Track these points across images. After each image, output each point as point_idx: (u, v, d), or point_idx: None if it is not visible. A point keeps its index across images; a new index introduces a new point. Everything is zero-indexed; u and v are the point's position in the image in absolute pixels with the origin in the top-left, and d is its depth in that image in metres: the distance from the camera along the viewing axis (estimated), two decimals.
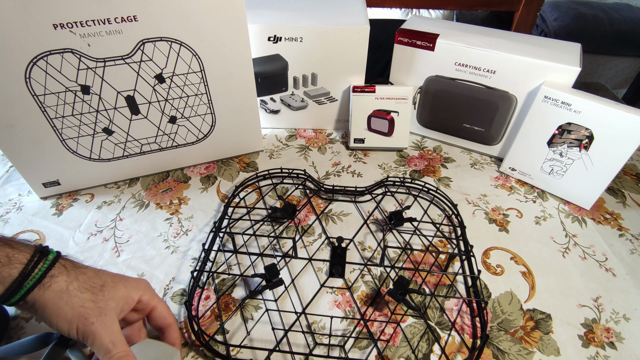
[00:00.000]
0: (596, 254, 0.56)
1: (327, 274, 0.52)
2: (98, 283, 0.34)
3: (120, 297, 0.35)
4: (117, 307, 0.35)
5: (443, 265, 0.54)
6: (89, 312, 0.32)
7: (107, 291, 0.34)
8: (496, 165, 0.71)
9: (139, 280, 0.39)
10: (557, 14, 1.80)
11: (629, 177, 0.69)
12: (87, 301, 0.33)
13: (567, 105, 0.56)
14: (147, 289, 0.39)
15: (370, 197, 0.63)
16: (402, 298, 0.45)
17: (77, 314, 0.32)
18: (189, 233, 0.58)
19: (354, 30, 0.65)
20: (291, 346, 0.44)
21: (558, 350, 0.45)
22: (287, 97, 0.75)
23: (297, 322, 0.46)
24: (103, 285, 0.35)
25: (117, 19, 0.49)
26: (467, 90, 0.66)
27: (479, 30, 0.67)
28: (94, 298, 0.33)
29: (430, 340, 0.45)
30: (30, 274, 0.31)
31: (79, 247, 0.56)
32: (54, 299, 0.32)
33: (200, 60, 0.56)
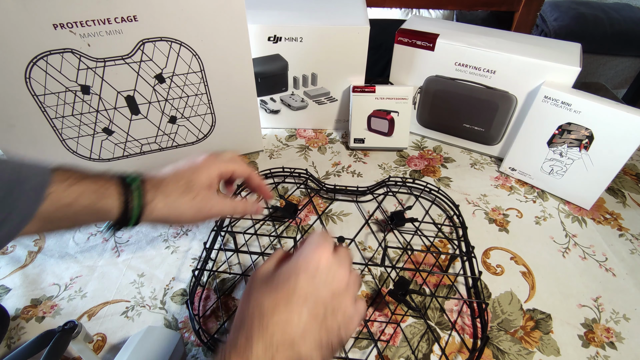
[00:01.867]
0: (596, 254, 0.56)
1: None
2: (183, 185, 0.39)
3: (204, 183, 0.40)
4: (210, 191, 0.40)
5: (444, 266, 0.54)
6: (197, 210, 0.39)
7: (194, 187, 0.39)
8: (496, 165, 0.71)
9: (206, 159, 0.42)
10: (557, 14, 1.80)
11: (629, 177, 0.69)
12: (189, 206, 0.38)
13: (567, 105, 0.56)
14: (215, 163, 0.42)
15: (372, 197, 0.63)
16: (403, 298, 0.45)
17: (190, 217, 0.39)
18: (189, 233, 0.58)
19: (354, 30, 0.65)
20: None
21: (558, 350, 0.45)
22: (287, 97, 0.75)
23: None
24: (187, 184, 0.39)
25: (117, 19, 0.49)
26: (467, 90, 0.66)
27: (479, 30, 0.67)
28: (191, 196, 0.38)
29: (430, 341, 0.45)
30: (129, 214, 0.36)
31: (79, 247, 0.56)
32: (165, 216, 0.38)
33: (200, 60, 0.56)
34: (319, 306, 0.30)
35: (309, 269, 0.31)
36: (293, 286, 0.30)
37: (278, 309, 0.29)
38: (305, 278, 0.31)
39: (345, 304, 0.32)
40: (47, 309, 0.48)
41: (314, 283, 0.31)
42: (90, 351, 0.41)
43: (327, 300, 0.31)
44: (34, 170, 0.32)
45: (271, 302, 0.30)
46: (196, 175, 0.40)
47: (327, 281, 0.31)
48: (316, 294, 0.30)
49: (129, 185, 0.36)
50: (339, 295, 0.31)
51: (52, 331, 0.39)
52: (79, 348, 0.40)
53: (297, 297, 0.30)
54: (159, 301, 0.49)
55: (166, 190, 0.38)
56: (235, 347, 0.27)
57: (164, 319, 0.48)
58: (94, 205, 0.34)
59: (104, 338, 0.46)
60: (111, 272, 0.53)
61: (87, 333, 0.42)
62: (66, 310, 0.48)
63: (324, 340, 0.30)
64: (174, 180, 0.39)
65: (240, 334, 0.28)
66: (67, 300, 0.49)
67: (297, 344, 0.28)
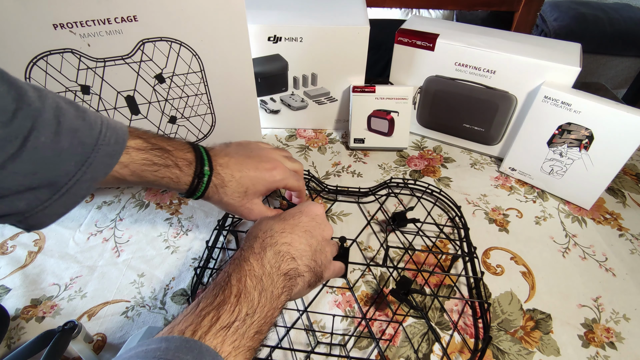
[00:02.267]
0: (596, 254, 0.56)
1: None
2: (242, 191, 0.45)
3: (260, 193, 0.46)
4: (260, 198, 0.47)
5: (446, 266, 0.54)
6: (242, 212, 0.46)
7: (250, 193, 0.45)
8: (496, 165, 0.71)
9: (274, 172, 0.47)
10: (557, 14, 1.80)
11: (629, 177, 0.69)
12: (238, 207, 0.45)
13: (567, 105, 0.56)
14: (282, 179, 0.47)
15: (374, 198, 0.63)
16: (405, 298, 0.45)
17: (234, 211, 0.46)
18: (189, 233, 0.58)
19: (354, 30, 0.65)
20: (293, 344, 0.44)
21: (558, 350, 0.45)
22: (287, 97, 0.75)
23: (299, 321, 0.46)
24: (246, 191, 0.45)
25: (117, 19, 0.49)
26: (467, 90, 0.66)
27: (479, 30, 0.67)
28: (241, 203, 0.45)
29: (431, 341, 0.45)
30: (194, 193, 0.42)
31: (79, 247, 0.56)
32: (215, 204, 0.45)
33: (200, 60, 0.56)
34: (313, 240, 0.39)
35: (310, 214, 0.42)
36: (297, 221, 0.40)
37: (285, 232, 0.38)
38: (307, 218, 0.41)
39: (328, 250, 0.42)
40: (47, 309, 0.48)
41: (312, 224, 0.41)
42: (90, 351, 0.41)
43: (319, 239, 0.40)
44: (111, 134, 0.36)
45: (280, 227, 0.38)
46: (256, 186, 0.45)
47: (320, 227, 0.41)
48: (312, 231, 0.40)
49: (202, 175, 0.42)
50: (326, 241, 0.42)
51: (52, 331, 0.39)
52: (79, 348, 0.40)
53: (300, 228, 0.39)
54: (159, 301, 0.49)
55: (225, 192, 0.44)
56: (252, 251, 0.35)
57: (164, 319, 0.48)
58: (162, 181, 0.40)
59: (104, 338, 0.46)
60: (111, 272, 0.53)
61: (87, 333, 0.42)
62: (66, 310, 0.48)
63: (312, 265, 0.38)
64: (236, 180, 0.44)
65: (255, 243, 0.36)
66: (67, 300, 0.49)
67: (296, 259, 0.37)
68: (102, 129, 0.35)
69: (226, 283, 0.31)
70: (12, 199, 0.30)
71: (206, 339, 0.27)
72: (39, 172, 0.31)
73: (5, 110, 0.28)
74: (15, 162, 0.29)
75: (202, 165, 0.42)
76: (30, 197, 0.31)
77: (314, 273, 0.39)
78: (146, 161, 0.38)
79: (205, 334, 0.27)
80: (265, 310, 0.31)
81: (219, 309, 0.29)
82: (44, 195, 0.32)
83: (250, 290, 0.31)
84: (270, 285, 0.33)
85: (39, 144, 0.30)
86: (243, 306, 0.30)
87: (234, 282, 0.31)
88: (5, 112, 0.28)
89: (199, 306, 0.29)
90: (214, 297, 0.30)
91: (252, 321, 0.30)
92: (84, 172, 0.33)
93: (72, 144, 0.32)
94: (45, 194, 0.32)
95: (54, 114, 0.32)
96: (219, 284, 0.32)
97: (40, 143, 0.30)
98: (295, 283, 0.36)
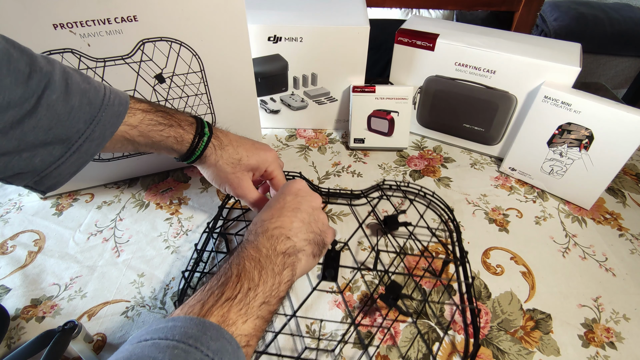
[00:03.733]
0: (596, 254, 0.56)
1: (320, 277, 0.51)
2: (236, 158, 0.48)
3: (252, 167, 0.49)
4: (249, 174, 0.50)
5: (438, 270, 0.53)
6: (232, 180, 0.48)
7: (243, 164, 0.48)
8: (496, 165, 0.71)
9: (268, 153, 0.51)
10: (557, 14, 1.80)
11: (629, 177, 0.69)
12: (229, 173, 0.48)
13: (567, 105, 0.56)
14: (273, 161, 0.51)
15: (366, 201, 0.63)
16: (394, 303, 0.45)
17: (224, 180, 0.49)
18: (189, 233, 0.58)
19: (354, 30, 0.65)
20: (280, 349, 0.44)
21: (558, 350, 0.45)
22: (287, 97, 0.75)
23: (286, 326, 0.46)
24: (240, 160, 0.48)
25: (117, 19, 0.49)
26: (467, 90, 0.66)
27: (479, 30, 0.67)
28: (234, 170, 0.48)
29: (421, 346, 0.45)
30: (194, 152, 0.45)
31: (79, 247, 0.56)
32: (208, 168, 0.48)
33: (200, 60, 0.56)
34: (304, 214, 0.41)
35: (292, 191, 0.43)
36: (282, 203, 0.41)
37: (273, 217, 0.40)
38: (291, 197, 0.42)
39: (322, 216, 0.43)
40: (47, 309, 0.48)
41: (297, 200, 0.42)
42: (90, 351, 0.41)
43: (309, 211, 0.42)
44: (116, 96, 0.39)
45: (267, 215, 0.40)
46: (250, 158, 0.49)
47: (306, 199, 0.43)
48: (300, 207, 0.41)
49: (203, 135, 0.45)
50: (317, 209, 0.43)
51: (52, 331, 0.39)
52: (79, 348, 0.40)
53: (287, 209, 0.41)
54: (159, 301, 0.49)
55: (222, 155, 0.47)
56: (247, 241, 0.38)
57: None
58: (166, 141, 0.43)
59: (104, 338, 0.46)
60: (111, 272, 0.53)
61: (87, 333, 0.42)
62: (66, 310, 0.48)
63: (310, 238, 0.40)
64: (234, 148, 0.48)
65: (250, 235, 0.39)
66: (67, 300, 0.49)
67: (291, 237, 0.39)
68: (106, 92, 0.39)
69: (227, 269, 0.34)
70: (29, 155, 0.34)
71: (213, 310, 0.30)
72: (52, 128, 0.34)
73: (21, 72, 0.32)
74: (32, 117, 0.33)
75: (202, 127, 0.46)
76: (44, 154, 0.35)
77: (315, 243, 0.41)
78: (152, 121, 0.42)
79: (212, 307, 0.30)
80: (268, 284, 0.34)
81: (222, 287, 0.32)
82: (58, 151, 0.36)
83: (250, 270, 0.34)
84: (270, 264, 0.35)
85: (51, 102, 0.34)
86: (244, 282, 0.33)
87: (233, 267, 0.34)
88: (21, 73, 0.32)
89: (205, 288, 0.33)
90: (217, 280, 0.33)
91: (256, 293, 0.33)
92: (92, 130, 0.37)
93: (82, 103, 0.36)
94: (59, 150, 0.36)
95: (62, 77, 0.35)
96: (222, 271, 0.34)
97: (53, 101, 0.34)
98: (297, 258, 0.38)
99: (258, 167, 0.50)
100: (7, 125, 0.31)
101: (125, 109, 0.40)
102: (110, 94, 0.39)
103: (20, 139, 0.32)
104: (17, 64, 0.32)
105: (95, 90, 0.38)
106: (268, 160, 0.51)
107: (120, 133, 0.40)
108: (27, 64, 0.33)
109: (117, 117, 0.39)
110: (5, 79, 0.31)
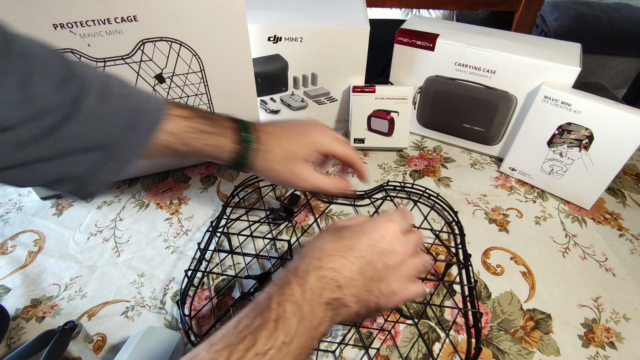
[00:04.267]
0: (596, 254, 0.56)
1: None
2: (284, 154, 0.44)
3: (304, 156, 0.45)
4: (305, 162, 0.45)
5: (440, 272, 0.53)
6: (289, 178, 0.44)
7: (292, 157, 0.44)
8: (496, 165, 0.71)
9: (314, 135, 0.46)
10: (557, 14, 1.80)
11: (629, 177, 0.69)
12: (285, 172, 0.44)
13: (567, 105, 0.56)
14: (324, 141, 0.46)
15: (370, 202, 0.63)
16: None
17: (283, 180, 0.45)
18: (189, 233, 0.58)
19: (354, 30, 0.65)
20: None
21: (558, 350, 0.45)
22: (287, 97, 0.75)
23: None
24: (288, 154, 0.44)
25: (117, 19, 0.49)
26: (467, 90, 0.66)
27: (479, 30, 0.67)
28: (287, 167, 0.44)
29: (421, 346, 0.45)
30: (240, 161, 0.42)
31: (79, 247, 0.56)
32: (261, 173, 0.44)
33: (200, 60, 0.56)
34: (369, 268, 0.34)
35: (373, 236, 0.35)
36: (354, 244, 0.34)
37: (336, 255, 0.34)
38: (366, 242, 0.35)
39: (392, 277, 0.35)
40: (47, 309, 0.48)
41: (371, 249, 0.34)
42: (90, 351, 0.41)
43: (378, 267, 0.34)
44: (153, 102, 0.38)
45: (332, 248, 0.34)
46: (299, 146, 0.44)
47: (383, 253, 0.35)
48: (370, 258, 0.34)
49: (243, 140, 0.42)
50: (390, 268, 0.35)
51: (52, 331, 0.39)
52: (79, 348, 0.40)
53: (354, 253, 0.34)
54: (159, 301, 0.49)
55: (270, 154, 0.43)
56: (296, 274, 0.32)
57: (164, 319, 0.48)
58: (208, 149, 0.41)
59: (104, 338, 0.46)
60: (111, 272, 0.53)
61: (87, 333, 0.42)
62: (66, 310, 0.48)
63: (363, 296, 0.34)
64: (279, 145, 0.44)
65: (300, 264, 0.33)
66: (67, 300, 0.49)
67: (342, 288, 0.33)
68: (142, 97, 0.38)
69: (267, 305, 0.30)
70: (66, 162, 0.33)
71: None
72: (88, 133, 0.33)
73: (59, 78, 0.31)
74: (68, 123, 0.32)
75: (244, 132, 0.43)
76: (81, 160, 0.34)
77: (364, 305, 0.34)
78: (192, 129, 0.40)
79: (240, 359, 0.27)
80: (302, 340, 0.30)
81: (256, 333, 0.29)
82: (94, 158, 0.34)
83: (289, 316, 0.30)
84: (310, 314, 0.31)
85: (87, 107, 0.33)
86: (280, 333, 0.29)
87: (273, 306, 0.30)
88: (59, 79, 0.31)
89: (238, 326, 0.29)
90: (252, 319, 0.30)
91: (289, 350, 0.29)
92: (129, 136, 0.36)
93: (118, 109, 0.35)
94: (95, 156, 0.34)
95: (100, 81, 0.35)
96: (260, 304, 0.31)
97: (89, 106, 0.33)
98: (338, 313, 0.33)
99: (311, 154, 0.45)
100: (44, 132, 0.31)
101: (160, 115, 0.38)
102: (147, 98, 0.38)
103: (56, 146, 0.32)
104: (56, 70, 0.31)
105: (132, 95, 0.37)
106: (318, 142, 0.45)
107: (161, 141, 0.38)
108: (65, 69, 0.32)
109: (152, 123, 0.37)
110: (43, 84, 0.30)
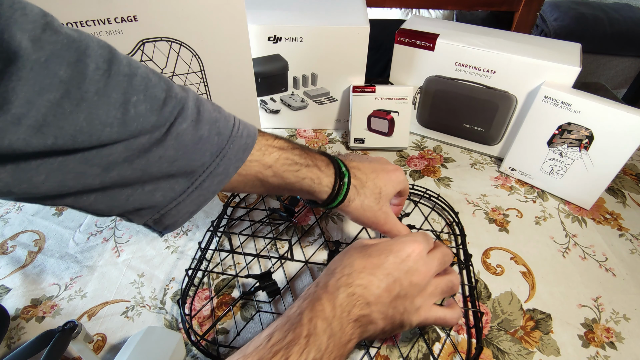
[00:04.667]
0: (596, 254, 0.56)
1: None
2: (377, 192, 0.44)
3: (391, 195, 0.45)
4: (389, 203, 0.46)
5: None
6: (379, 217, 0.44)
7: (383, 195, 0.44)
8: (496, 165, 0.71)
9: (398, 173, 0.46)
10: (557, 14, 1.80)
11: (629, 177, 0.69)
12: (376, 211, 0.44)
13: (567, 105, 0.56)
14: (404, 180, 0.47)
15: None
16: None
17: (371, 220, 0.44)
18: (189, 233, 0.58)
19: (354, 30, 0.65)
20: None
21: (558, 350, 0.45)
22: (287, 97, 0.75)
23: None
24: (380, 192, 0.44)
25: (117, 19, 0.49)
26: (467, 90, 0.66)
27: (479, 30, 0.67)
28: (379, 206, 0.44)
29: (422, 346, 0.45)
30: (336, 197, 0.41)
31: (79, 247, 0.56)
32: (354, 211, 0.43)
33: (200, 60, 0.56)
34: (395, 285, 0.35)
35: (400, 255, 0.36)
36: (382, 261, 0.36)
37: (364, 272, 0.35)
38: (394, 260, 0.36)
39: (416, 294, 0.37)
40: (47, 309, 0.48)
41: (399, 267, 0.36)
42: (90, 351, 0.41)
43: (404, 284, 0.35)
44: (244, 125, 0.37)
45: (361, 265, 0.35)
46: (387, 187, 0.44)
47: (410, 271, 0.36)
48: (397, 275, 0.35)
49: (342, 175, 0.41)
50: (416, 286, 0.36)
51: (52, 331, 0.39)
52: (79, 348, 0.40)
53: (382, 270, 0.35)
54: (159, 301, 0.49)
55: (365, 193, 0.43)
56: (326, 290, 0.34)
57: (164, 319, 0.48)
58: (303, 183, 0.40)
59: (104, 338, 0.46)
60: (111, 272, 0.53)
61: (87, 333, 0.42)
62: (66, 310, 0.48)
63: (389, 313, 0.35)
64: (372, 181, 0.44)
65: (331, 279, 0.34)
66: (67, 300, 0.49)
67: (370, 305, 0.34)
68: (235, 122, 0.36)
69: (298, 321, 0.31)
70: (151, 188, 0.32)
71: None
72: (178, 159, 0.32)
73: (157, 99, 0.30)
74: (160, 146, 0.31)
75: (340, 167, 0.42)
76: (166, 188, 0.33)
77: (390, 321, 0.35)
78: (288, 160, 0.38)
79: None
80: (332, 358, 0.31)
81: (288, 348, 0.29)
82: (180, 186, 0.33)
83: (320, 333, 0.31)
84: (339, 330, 0.32)
85: (181, 131, 0.32)
86: (312, 349, 0.30)
87: (305, 322, 0.31)
88: (157, 100, 0.30)
89: (270, 340, 0.30)
90: (284, 333, 0.30)
91: None
92: (217, 163, 0.34)
93: (210, 134, 0.34)
94: (181, 184, 0.33)
95: (195, 104, 0.33)
96: (291, 319, 0.31)
97: (183, 130, 0.32)
98: (366, 330, 0.34)
99: (395, 192, 0.46)
100: (135, 153, 0.29)
101: (252, 142, 0.37)
102: (240, 124, 0.36)
103: (144, 169, 0.30)
104: (155, 90, 0.30)
105: (225, 120, 0.35)
106: (401, 181, 0.46)
107: (254, 172, 0.37)
108: (164, 90, 0.31)
109: (243, 152, 0.36)
110: (141, 105, 0.29)
